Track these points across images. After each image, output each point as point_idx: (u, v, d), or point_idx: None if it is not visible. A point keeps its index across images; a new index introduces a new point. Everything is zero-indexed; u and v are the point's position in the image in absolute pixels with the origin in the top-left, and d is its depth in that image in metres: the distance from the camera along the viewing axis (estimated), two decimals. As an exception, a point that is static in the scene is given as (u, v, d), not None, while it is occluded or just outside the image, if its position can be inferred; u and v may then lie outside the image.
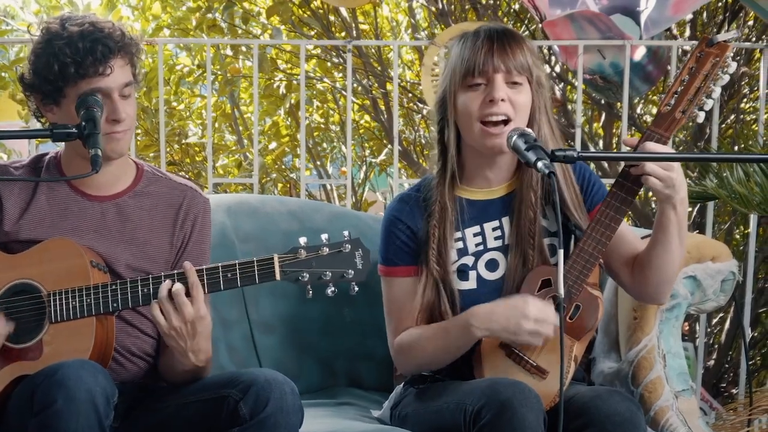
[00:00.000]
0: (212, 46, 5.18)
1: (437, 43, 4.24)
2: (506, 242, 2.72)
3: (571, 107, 5.06)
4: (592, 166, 4.98)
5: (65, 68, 2.49)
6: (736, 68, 2.53)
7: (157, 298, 2.43)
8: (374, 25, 5.99)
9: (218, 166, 6.09)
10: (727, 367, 5.18)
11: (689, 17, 5.03)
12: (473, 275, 2.72)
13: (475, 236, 2.73)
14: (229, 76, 5.63)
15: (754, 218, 4.19)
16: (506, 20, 5.59)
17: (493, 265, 2.72)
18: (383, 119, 5.86)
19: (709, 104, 2.51)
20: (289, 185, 6.29)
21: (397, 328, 2.75)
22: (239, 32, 5.72)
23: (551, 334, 2.50)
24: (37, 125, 2.73)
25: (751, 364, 5.01)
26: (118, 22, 2.64)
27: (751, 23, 5.27)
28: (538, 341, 2.53)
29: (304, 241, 2.44)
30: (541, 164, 2.38)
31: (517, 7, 5.64)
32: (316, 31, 5.80)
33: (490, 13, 5.42)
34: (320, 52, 6.05)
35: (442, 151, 2.72)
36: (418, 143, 6.36)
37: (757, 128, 4.18)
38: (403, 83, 6.07)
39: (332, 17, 5.82)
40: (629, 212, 2.55)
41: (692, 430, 2.93)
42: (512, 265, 2.69)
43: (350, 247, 2.44)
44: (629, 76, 4.15)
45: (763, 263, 5.12)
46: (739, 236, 5.53)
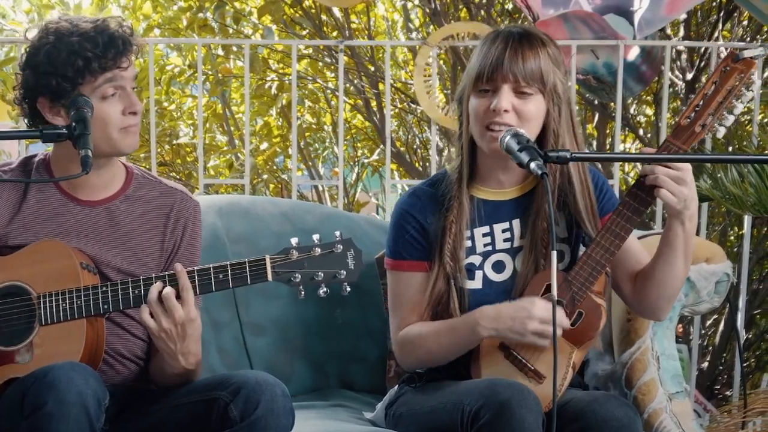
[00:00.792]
0: (203, 46, 5.16)
1: (430, 43, 4.22)
2: (515, 245, 2.71)
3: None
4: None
5: (88, 63, 2.49)
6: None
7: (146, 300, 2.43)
8: (367, 25, 5.98)
9: (209, 166, 6.07)
10: (721, 369, 5.19)
11: (683, 17, 5.04)
12: (479, 275, 2.71)
13: (484, 236, 2.71)
14: (220, 76, 5.63)
15: (748, 219, 4.19)
16: (499, 20, 5.58)
17: (499, 266, 2.71)
18: (375, 119, 5.84)
19: (730, 120, 2.48)
20: (280, 186, 6.29)
21: (401, 322, 2.74)
22: (230, 32, 5.70)
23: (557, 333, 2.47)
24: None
25: (745, 366, 5.02)
26: (120, 17, 2.65)
27: (745, 23, 5.27)
28: (543, 342, 2.52)
29: (295, 241, 2.43)
30: (533, 165, 2.37)
31: (510, 6, 5.63)
32: (308, 30, 5.81)
33: (483, 12, 5.41)
34: (312, 52, 6.04)
35: (461, 147, 2.71)
36: (410, 144, 6.35)
37: (751, 129, 4.17)
38: (396, 83, 6.07)
39: (324, 17, 5.81)
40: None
41: (686, 432, 2.92)
42: (524, 268, 2.68)
43: (342, 247, 2.43)
44: (623, 76, 4.14)
45: (757, 265, 5.13)
46: (733, 237, 5.55)
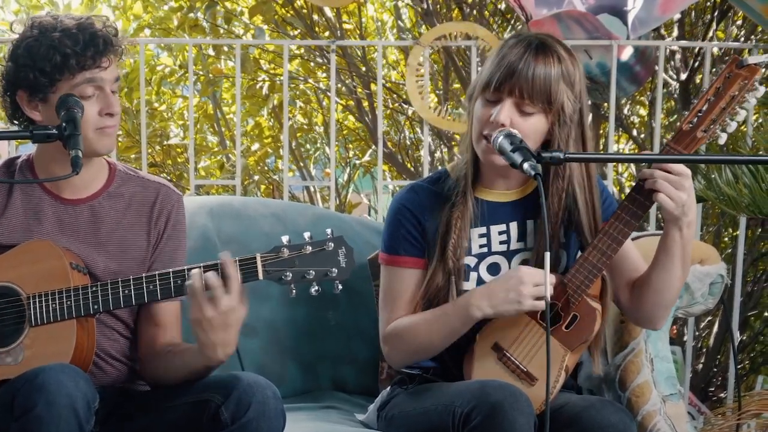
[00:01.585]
0: (194, 46, 5.15)
1: (422, 43, 4.21)
2: (511, 247, 2.70)
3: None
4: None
5: (66, 59, 2.47)
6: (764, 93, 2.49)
7: (139, 299, 2.43)
8: (359, 25, 5.96)
9: (200, 167, 6.09)
10: (715, 371, 5.19)
11: (677, 17, 5.02)
12: (473, 276, 2.69)
13: (480, 237, 2.69)
14: (211, 76, 5.64)
15: (742, 220, 4.18)
16: (492, 20, 5.57)
17: (494, 268, 2.70)
18: (367, 120, 5.83)
19: (732, 126, 2.47)
20: (272, 187, 6.28)
21: (390, 317, 2.71)
22: (221, 32, 5.71)
23: (551, 292, 2.44)
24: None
25: (739, 367, 5.02)
26: (108, 17, 2.65)
27: (739, 23, 5.26)
28: (541, 305, 2.47)
29: (286, 239, 2.41)
30: (526, 165, 2.36)
31: (503, 6, 5.62)
32: (299, 31, 5.80)
33: (475, 12, 5.40)
34: (303, 52, 6.04)
35: (469, 143, 2.67)
36: (402, 145, 6.33)
37: (745, 129, 4.16)
38: (388, 84, 6.05)
39: (316, 17, 5.81)
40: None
41: (680, 434, 2.92)
42: None
43: (333, 245, 2.41)
44: (616, 76, 4.13)
45: (751, 266, 5.13)
46: (727, 239, 5.56)
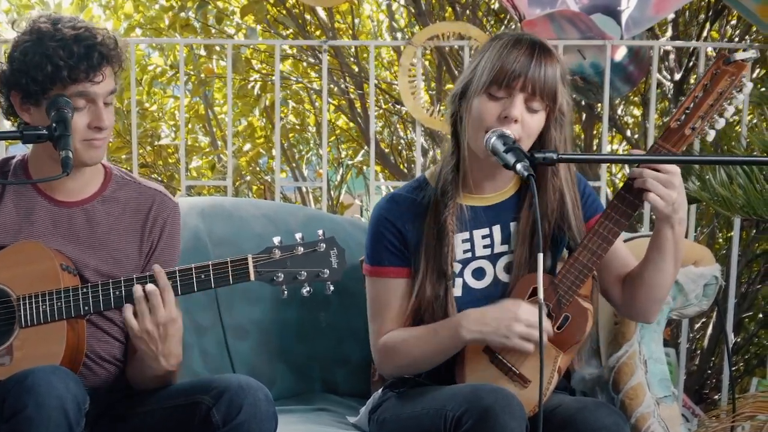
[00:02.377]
0: (185, 45, 5.13)
1: (415, 43, 4.19)
2: (495, 251, 2.69)
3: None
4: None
5: (58, 71, 2.47)
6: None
7: (129, 300, 2.43)
8: (351, 25, 5.95)
9: (191, 168, 6.07)
10: (709, 373, 5.19)
11: (671, 17, 5.02)
12: (459, 282, 2.68)
13: (464, 242, 2.68)
14: (202, 76, 5.64)
15: (737, 221, 4.18)
16: (485, 20, 5.56)
17: (479, 273, 2.69)
18: (360, 120, 5.82)
19: (721, 123, 2.46)
20: (263, 188, 6.27)
21: (380, 329, 2.71)
22: (213, 32, 5.70)
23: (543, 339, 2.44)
24: (5, 124, 2.68)
25: (734, 369, 5.02)
26: (109, 30, 2.63)
27: (734, 23, 5.26)
28: (529, 347, 2.50)
29: (278, 240, 2.42)
30: (520, 166, 2.35)
31: (496, 6, 5.61)
32: (291, 30, 5.79)
33: (468, 12, 5.40)
34: (296, 52, 6.03)
35: (455, 146, 2.66)
36: (395, 145, 6.32)
37: (740, 129, 4.15)
38: (380, 84, 6.04)
39: (308, 17, 5.80)
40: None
41: (674, 437, 2.92)
42: (513, 274, 2.67)
43: (325, 246, 2.42)
44: (610, 76, 4.12)
45: (746, 267, 5.13)
46: (721, 240, 5.55)
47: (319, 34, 5.83)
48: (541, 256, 2.29)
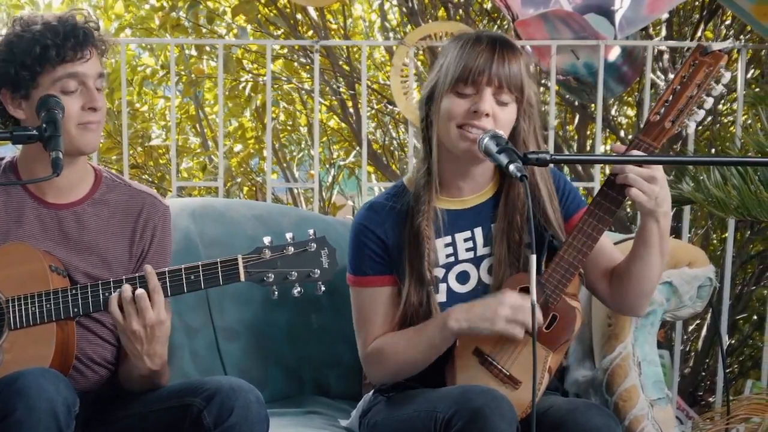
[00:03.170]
0: (176, 46, 5.13)
1: (407, 43, 4.18)
2: (478, 253, 2.68)
3: (544, 109, 4.99)
4: (566, 169, 4.98)
5: (46, 51, 2.50)
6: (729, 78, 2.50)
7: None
8: (343, 25, 5.95)
9: (182, 169, 6.09)
10: (703, 374, 5.21)
11: (665, 17, 5.03)
12: (443, 288, 2.68)
13: (446, 247, 2.68)
14: (193, 76, 5.64)
15: (731, 222, 4.17)
16: (478, 20, 5.56)
17: (463, 277, 2.68)
18: (352, 121, 5.81)
19: (700, 114, 2.47)
20: (255, 189, 6.27)
21: (367, 338, 2.71)
22: (204, 32, 5.70)
23: (529, 323, 2.43)
24: (-3, 128, 2.68)
25: (728, 371, 5.01)
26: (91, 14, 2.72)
27: (728, 22, 5.26)
28: (516, 331, 2.49)
29: (268, 240, 2.42)
30: (513, 167, 2.34)
31: (489, 6, 5.60)
32: (282, 30, 5.80)
33: (461, 12, 5.39)
34: (287, 52, 6.02)
35: (428, 152, 2.66)
36: (387, 146, 6.31)
37: (734, 130, 4.14)
38: (373, 84, 6.03)
39: (300, 17, 5.79)
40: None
41: (668, 439, 2.93)
42: (496, 276, 2.66)
43: (316, 246, 2.42)
44: (603, 76, 4.11)
45: (740, 269, 5.14)
46: (716, 241, 5.57)
47: (310, 34, 5.82)
48: (533, 257, 2.27)
